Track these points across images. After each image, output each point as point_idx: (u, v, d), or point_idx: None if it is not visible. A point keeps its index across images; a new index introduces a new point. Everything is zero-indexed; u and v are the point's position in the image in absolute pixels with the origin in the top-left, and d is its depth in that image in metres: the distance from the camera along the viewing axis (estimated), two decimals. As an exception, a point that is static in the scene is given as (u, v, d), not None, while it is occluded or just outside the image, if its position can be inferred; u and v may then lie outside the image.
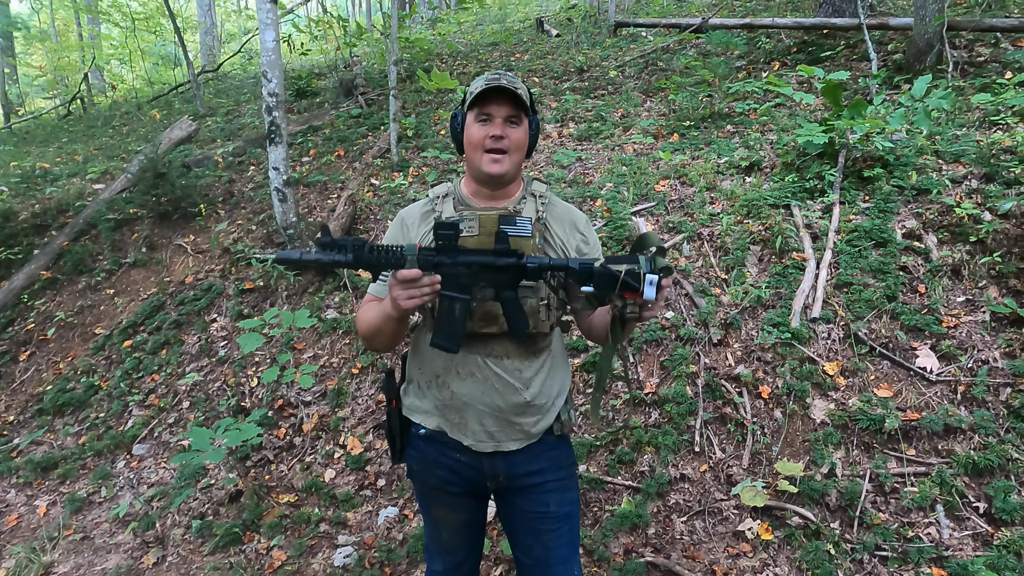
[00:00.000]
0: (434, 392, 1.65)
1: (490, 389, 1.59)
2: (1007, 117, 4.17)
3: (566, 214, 1.69)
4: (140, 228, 5.56)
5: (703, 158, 4.77)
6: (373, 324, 1.57)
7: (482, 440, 1.62)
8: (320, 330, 4.19)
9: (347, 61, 9.45)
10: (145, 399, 4.16)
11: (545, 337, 1.64)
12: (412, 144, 6.20)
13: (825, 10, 7.04)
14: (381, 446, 3.47)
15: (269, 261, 4.69)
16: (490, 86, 1.51)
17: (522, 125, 1.57)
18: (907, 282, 3.34)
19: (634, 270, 1.36)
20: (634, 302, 1.38)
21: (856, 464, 2.78)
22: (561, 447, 1.74)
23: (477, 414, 1.61)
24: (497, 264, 1.45)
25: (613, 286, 1.38)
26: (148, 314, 4.74)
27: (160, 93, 11.36)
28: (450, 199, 1.66)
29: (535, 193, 1.67)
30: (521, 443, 1.65)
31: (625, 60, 7.76)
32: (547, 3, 15.34)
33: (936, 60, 5.38)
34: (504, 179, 1.59)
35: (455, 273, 1.44)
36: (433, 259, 1.41)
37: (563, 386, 1.73)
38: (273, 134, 4.47)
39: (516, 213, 1.61)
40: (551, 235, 1.63)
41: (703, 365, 3.29)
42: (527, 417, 1.63)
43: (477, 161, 1.56)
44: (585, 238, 1.68)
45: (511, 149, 1.55)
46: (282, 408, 3.82)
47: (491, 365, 1.59)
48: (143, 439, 3.93)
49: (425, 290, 1.38)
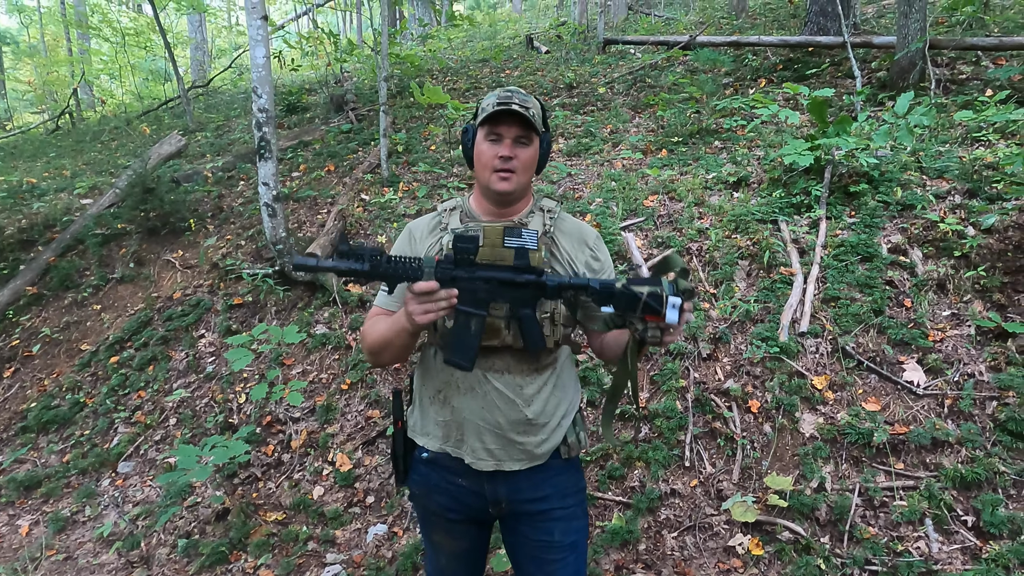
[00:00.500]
0: (436, 408, 1.62)
1: (490, 405, 1.56)
2: (989, 134, 4.24)
3: (575, 229, 1.67)
4: (128, 243, 5.53)
5: (691, 174, 4.81)
6: (383, 337, 1.54)
7: (482, 458, 1.58)
8: (309, 346, 4.17)
9: (337, 77, 9.50)
10: (131, 416, 4.12)
11: (550, 353, 1.60)
12: (402, 159, 6.22)
13: (810, 28, 7.16)
14: (370, 463, 3.45)
15: (259, 279, 4.67)
16: (500, 108, 1.50)
17: (532, 145, 1.56)
18: (893, 296, 3.37)
19: (656, 292, 1.32)
20: (656, 325, 1.35)
21: (845, 478, 2.78)
22: (568, 472, 1.68)
23: (477, 430, 1.57)
24: (516, 281, 1.43)
25: (634, 308, 1.34)
26: (135, 330, 4.70)
27: (150, 108, 11.35)
28: (457, 212, 1.65)
29: (544, 208, 1.66)
30: (524, 464, 1.60)
31: (614, 77, 7.84)
32: (537, 21, 15.49)
33: (919, 78, 5.47)
34: (511, 196, 1.58)
35: (472, 288, 1.42)
36: (451, 272, 1.40)
37: (570, 406, 1.68)
38: (263, 149, 4.47)
39: (522, 225, 1.60)
40: (558, 249, 1.60)
41: (693, 379, 3.29)
42: (529, 436, 1.59)
43: (485, 179, 1.55)
44: (595, 254, 1.65)
45: (519, 169, 1.54)
46: (270, 425, 3.79)
47: (491, 380, 1.56)
48: (128, 457, 3.88)
49: (442, 303, 1.36)
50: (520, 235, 1.52)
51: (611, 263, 1.70)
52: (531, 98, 1.56)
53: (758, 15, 9.95)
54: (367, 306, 4.35)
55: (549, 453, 1.63)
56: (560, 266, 1.59)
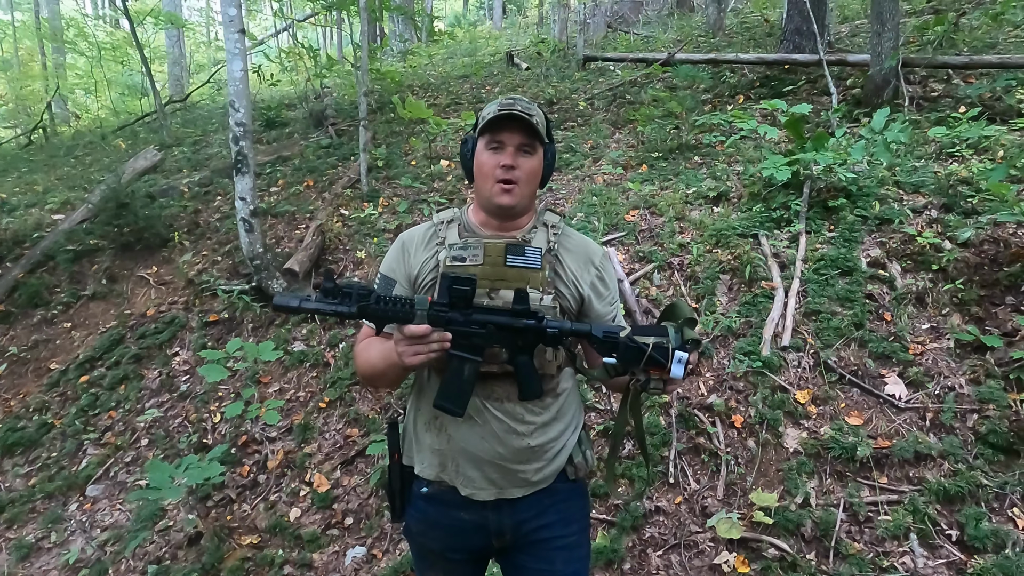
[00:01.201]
0: (432, 436, 1.53)
1: (489, 434, 1.47)
2: (962, 149, 4.31)
3: (581, 247, 1.57)
4: (100, 259, 5.41)
5: (672, 188, 4.83)
6: (375, 368, 1.46)
7: (482, 487, 1.50)
8: (287, 363, 4.09)
9: (317, 92, 9.45)
10: (101, 437, 4.00)
11: (552, 379, 1.50)
12: (382, 174, 6.18)
13: (786, 47, 7.27)
14: (349, 483, 3.37)
15: (235, 295, 4.58)
16: (503, 113, 1.42)
17: (536, 154, 1.48)
18: (873, 310, 3.39)
19: (662, 344, 1.27)
20: (659, 378, 1.29)
21: (830, 493, 2.77)
22: (574, 497, 1.60)
23: (475, 461, 1.48)
24: (515, 326, 1.35)
25: (638, 360, 1.28)
26: (107, 348, 4.58)
27: (125, 123, 11.19)
28: (455, 225, 1.54)
29: (547, 223, 1.56)
30: (527, 490, 1.52)
31: (594, 93, 7.89)
32: (517, 38, 15.61)
33: (893, 95, 5.56)
34: (514, 211, 1.49)
35: (467, 332, 1.34)
36: (445, 315, 1.32)
37: (575, 426, 1.61)
38: (240, 164, 4.41)
39: (525, 242, 1.50)
40: (563, 268, 1.51)
41: (676, 394, 3.27)
42: (532, 464, 1.50)
43: (487, 191, 1.46)
44: (601, 274, 1.56)
45: (522, 180, 1.45)
46: (246, 444, 3.70)
47: (491, 409, 1.46)
48: (98, 479, 3.76)
49: (433, 346, 1.29)
50: (523, 253, 1.46)
51: (616, 283, 1.63)
52: (535, 106, 1.49)
53: (735, 34, 10.10)
54: (346, 322, 4.28)
55: (554, 476, 1.55)
56: (564, 286, 1.51)
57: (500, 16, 21.46)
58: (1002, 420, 2.76)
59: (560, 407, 1.55)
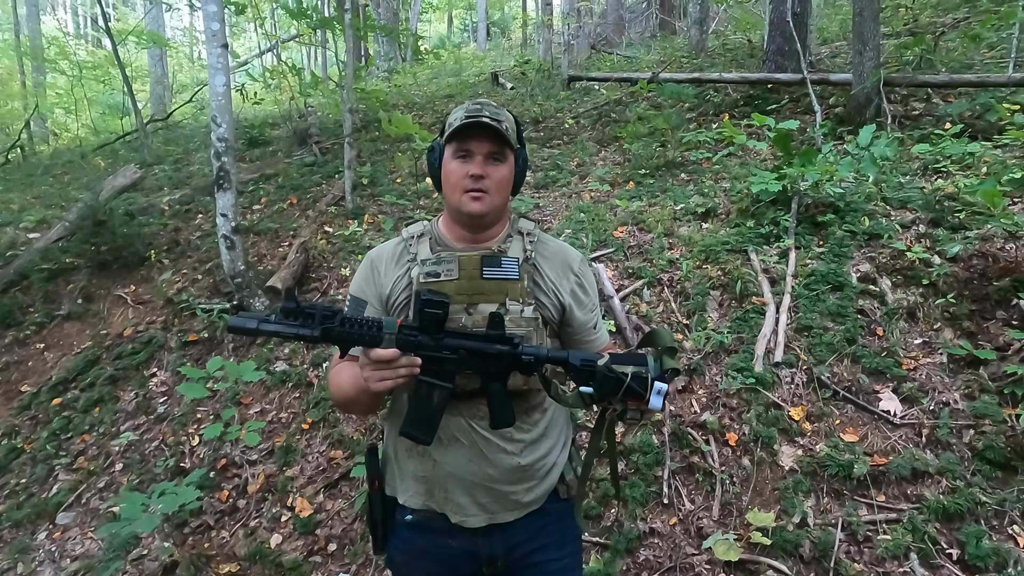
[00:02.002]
0: (415, 462, 1.44)
1: (478, 456, 1.39)
2: (948, 165, 4.34)
3: (558, 253, 1.51)
4: (76, 278, 5.27)
5: (660, 205, 4.81)
6: (347, 394, 1.38)
7: (473, 513, 1.42)
8: (268, 383, 3.98)
9: (301, 111, 9.40)
10: (73, 462, 3.84)
11: (539, 393, 1.43)
12: (367, 192, 6.11)
13: (768, 66, 7.35)
14: (333, 507, 3.25)
15: (215, 314, 4.46)
16: (470, 121, 1.35)
17: (506, 162, 1.41)
18: (865, 325, 3.36)
19: (641, 374, 1.22)
20: (636, 408, 1.24)
21: (827, 512, 2.70)
22: (567, 517, 1.53)
23: (464, 486, 1.41)
24: (488, 352, 1.28)
25: (616, 391, 1.23)
26: (81, 369, 4.43)
27: (106, 142, 11.05)
28: (426, 239, 1.47)
29: (522, 231, 1.50)
30: (519, 512, 1.45)
31: (579, 112, 7.92)
32: (501, 59, 15.73)
33: (875, 113, 5.62)
34: (485, 219, 1.43)
35: (438, 357, 1.27)
36: (415, 339, 1.24)
37: (565, 442, 1.55)
38: (222, 180, 4.32)
39: (501, 253, 1.43)
40: (541, 277, 1.45)
41: (668, 412, 3.20)
42: (523, 484, 1.44)
43: (455, 200, 1.40)
44: (581, 281, 1.51)
45: (492, 189, 1.39)
46: (225, 468, 3.57)
47: (477, 428, 1.39)
48: (69, 506, 3.60)
49: (402, 372, 1.21)
50: (500, 264, 1.39)
51: (596, 289, 1.57)
52: (504, 111, 1.43)
53: (717, 55, 10.23)
54: (330, 341, 4.18)
55: (545, 496, 1.49)
56: (544, 295, 1.45)
57: (484, 38, 21.65)
58: (998, 435, 2.73)
59: (548, 423, 1.49)
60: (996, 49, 7.05)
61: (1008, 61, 5.98)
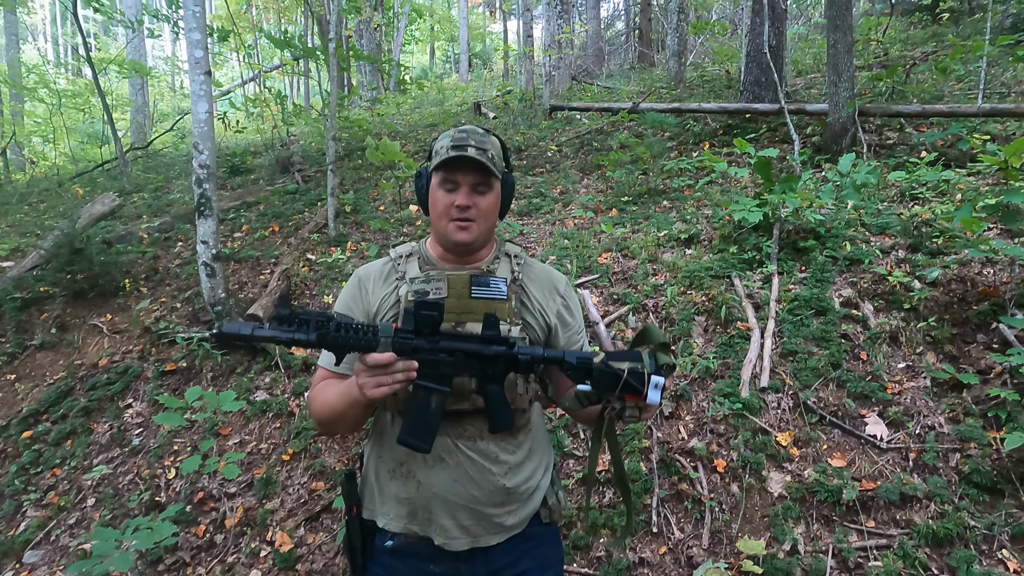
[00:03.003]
0: (398, 484, 1.42)
1: (463, 477, 1.38)
2: (924, 192, 4.42)
3: (544, 275, 1.54)
4: (51, 308, 5.14)
5: (643, 231, 4.84)
6: (334, 409, 1.35)
7: (455, 536, 1.40)
8: (248, 414, 3.89)
9: (284, 140, 9.39)
10: (43, 497, 3.70)
11: (524, 414, 1.45)
12: (351, 219, 6.09)
13: (746, 97, 7.51)
14: (314, 540, 3.15)
15: (194, 343, 4.38)
16: (455, 155, 1.36)
17: (492, 191, 1.43)
18: (849, 349, 3.37)
19: (637, 369, 1.22)
20: (634, 405, 1.24)
21: (818, 539, 2.68)
22: (549, 541, 1.53)
23: (448, 507, 1.39)
24: (485, 353, 1.28)
25: (614, 386, 1.23)
26: (53, 401, 4.30)
27: (84, 170, 10.94)
28: (415, 259, 1.49)
29: (509, 253, 1.52)
30: (502, 536, 1.43)
31: (562, 140, 8.00)
32: (483, 89, 15.91)
33: (851, 142, 5.74)
34: (472, 247, 1.45)
35: (435, 360, 1.26)
36: (411, 343, 1.23)
37: (547, 465, 1.54)
38: (203, 207, 4.27)
39: (489, 272, 1.46)
40: (528, 298, 1.47)
41: (656, 439, 3.18)
42: (507, 507, 1.43)
43: (443, 228, 1.42)
44: (566, 302, 1.53)
45: (479, 217, 1.41)
46: (202, 502, 3.46)
47: (464, 448, 1.38)
48: (37, 544, 3.46)
49: (398, 377, 1.20)
50: (488, 284, 1.40)
51: (580, 311, 1.59)
52: (489, 137, 1.43)
53: (695, 85, 10.44)
54: (312, 369, 4.11)
55: (528, 520, 1.47)
56: (531, 315, 1.46)
57: (466, 69, 21.94)
58: (984, 459, 2.73)
59: (532, 445, 1.49)
60: (964, 81, 7.27)
61: (977, 92, 6.16)
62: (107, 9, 9.85)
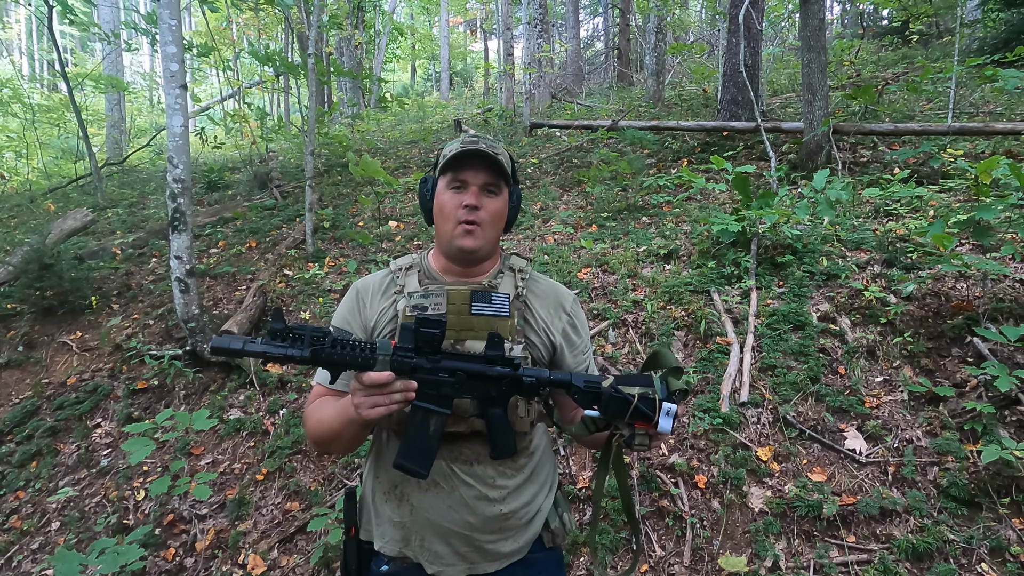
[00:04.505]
0: (392, 507, 1.36)
1: (458, 502, 1.31)
2: (897, 208, 4.49)
3: (550, 291, 1.46)
4: (18, 325, 5.01)
5: (623, 247, 4.85)
6: (330, 428, 1.28)
7: (450, 563, 1.33)
8: (221, 433, 3.79)
9: (263, 155, 9.33)
10: (5, 521, 3.57)
11: (525, 436, 1.37)
12: (329, 235, 6.03)
13: (723, 115, 7.61)
14: (288, 563, 3.07)
15: (166, 361, 4.28)
16: (466, 149, 1.31)
17: (501, 195, 1.37)
18: (828, 364, 3.39)
19: (648, 395, 1.15)
20: (644, 432, 1.17)
21: (799, 555, 2.66)
22: (552, 567, 1.44)
23: (442, 533, 1.33)
24: (488, 374, 1.21)
25: (623, 412, 1.16)
26: (18, 421, 4.17)
27: (57, 185, 10.75)
28: (415, 271, 1.42)
29: (514, 268, 1.45)
30: (501, 563, 1.36)
31: (542, 157, 8.03)
32: (464, 107, 15.98)
33: (826, 159, 5.83)
34: (478, 255, 1.37)
35: (435, 381, 1.19)
36: (410, 362, 1.17)
37: (550, 488, 1.47)
38: (177, 221, 4.20)
39: (491, 288, 1.38)
40: (532, 315, 1.40)
41: (636, 455, 3.15)
42: (502, 534, 1.36)
43: (448, 233, 1.34)
44: (573, 320, 1.45)
45: (486, 222, 1.34)
46: (172, 524, 3.35)
47: (459, 473, 1.32)
48: (-2, 570, 3.33)
49: (396, 397, 1.13)
50: (490, 300, 1.33)
51: (588, 330, 1.52)
52: (500, 144, 1.39)
53: (673, 104, 10.57)
54: (287, 387, 4.03)
55: (529, 546, 1.40)
56: (535, 334, 1.39)
57: (447, 87, 22.05)
58: (962, 472, 2.74)
59: (534, 467, 1.42)
60: (935, 101, 7.44)
61: (946, 112, 6.30)
62: (84, 22, 9.76)
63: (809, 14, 5.81)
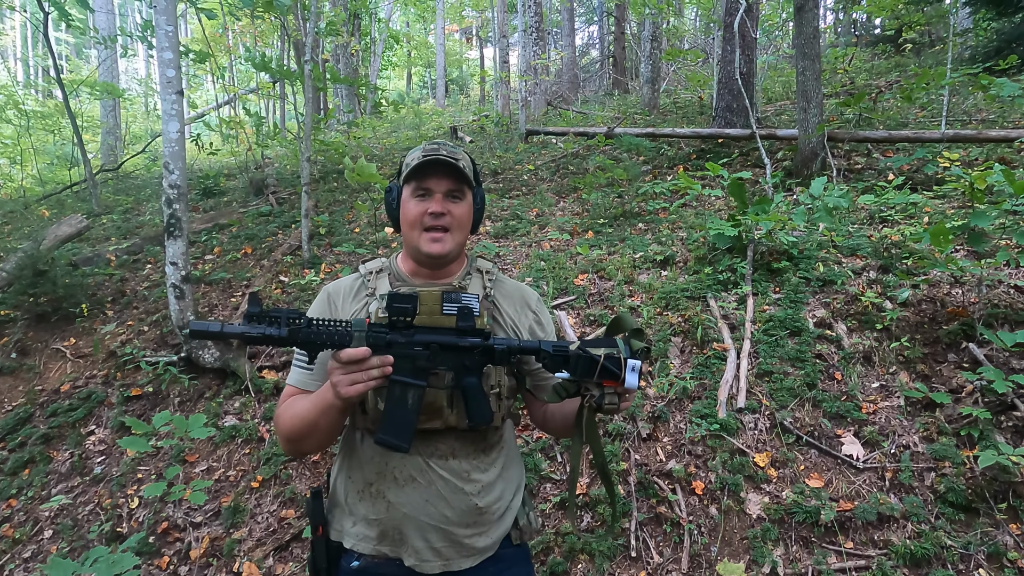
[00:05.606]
0: (367, 505, 1.38)
1: (435, 496, 1.35)
2: (892, 215, 4.51)
3: (516, 291, 1.53)
4: (11, 332, 4.98)
5: (619, 253, 4.86)
6: (305, 419, 1.30)
7: (428, 559, 1.36)
8: (216, 440, 3.77)
9: (258, 162, 9.31)
10: (-3, 530, 3.54)
11: (496, 431, 1.43)
12: (325, 241, 6.03)
13: (718, 122, 7.65)
14: (283, 571, 3.04)
15: (160, 367, 4.25)
16: (428, 159, 1.35)
17: (465, 200, 1.42)
18: (824, 369, 3.39)
19: (613, 354, 1.22)
20: (613, 391, 1.23)
21: (797, 561, 2.65)
22: (520, 563, 1.49)
23: (419, 528, 1.35)
24: (460, 345, 1.27)
25: (592, 371, 1.22)
26: (11, 428, 4.14)
27: (52, 192, 10.72)
28: (385, 275, 1.47)
29: (481, 269, 1.51)
30: (475, 559, 1.40)
31: (538, 164, 8.04)
32: (460, 114, 16.01)
33: (821, 166, 5.86)
34: (446, 259, 1.43)
35: (410, 354, 1.24)
36: (385, 337, 1.22)
37: (518, 486, 1.52)
38: (172, 227, 4.19)
39: (461, 289, 1.44)
40: (500, 314, 1.46)
41: (634, 461, 3.14)
42: (478, 527, 1.40)
43: (415, 240, 1.39)
44: (538, 318, 1.52)
45: (453, 227, 1.39)
46: (166, 532, 3.33)
47: (435, 467, 1.35)
48: (-11, 580, 3.29)
49: (373, 373, 1.17)
50: (460, 300, 1.36)
51: (553, 326, 1.57)
52: (460, 149, 1.44)
53: (669, 111, 10.62)
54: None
55: (499, 543, 1.44)
56: (503, 332, 1.45)
57: (443, 94, 22.10)
58: (959, 478, 2.74)
59: (504, 464, 1.47)
60: (928, 108, 7.49)
61: (940, 119, 6.34)
62: (80, 27, 9.75)
63: (803, 22, 5.85)
